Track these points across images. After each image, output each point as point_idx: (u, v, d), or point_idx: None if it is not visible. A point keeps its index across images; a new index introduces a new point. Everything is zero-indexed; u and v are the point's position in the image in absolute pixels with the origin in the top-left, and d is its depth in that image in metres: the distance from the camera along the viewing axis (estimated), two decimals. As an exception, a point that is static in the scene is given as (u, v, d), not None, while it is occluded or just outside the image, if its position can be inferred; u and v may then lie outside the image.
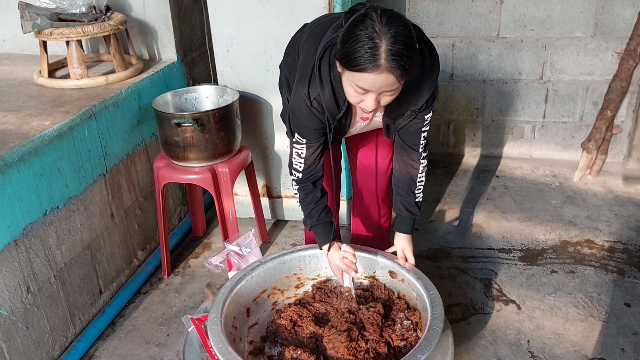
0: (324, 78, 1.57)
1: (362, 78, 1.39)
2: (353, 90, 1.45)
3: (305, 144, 1.71)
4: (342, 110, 1.65)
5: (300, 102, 1.63)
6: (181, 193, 2.88)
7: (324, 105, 1.60)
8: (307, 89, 1.59)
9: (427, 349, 1.49)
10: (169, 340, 2.13)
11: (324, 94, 1.59)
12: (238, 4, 2.41)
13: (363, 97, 1.46)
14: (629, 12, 2.94)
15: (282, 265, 1.94)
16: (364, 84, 1.40)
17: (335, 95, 1.59)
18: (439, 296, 1.69)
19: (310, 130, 1.68)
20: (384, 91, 1.43)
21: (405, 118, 1.73)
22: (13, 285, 1.77)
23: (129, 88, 2.36)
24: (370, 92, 1.43)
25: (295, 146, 1.74)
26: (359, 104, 1.50)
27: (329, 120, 1.64)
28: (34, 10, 2.32)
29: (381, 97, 1.46)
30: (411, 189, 1.85)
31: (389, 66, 1.35)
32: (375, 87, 1.40)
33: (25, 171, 1.80)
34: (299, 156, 1.74)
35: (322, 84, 1.57)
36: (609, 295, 2.23)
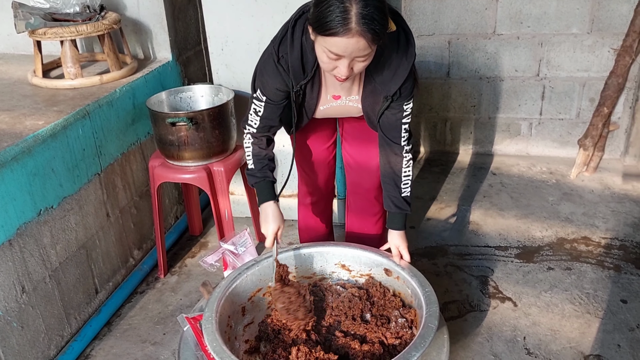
0: (295, 39, 1.59)
1: (334, 42, 1.39)
2: (326, 56, 1.45)
3: (264, 102, 1.72)
4: (308, 76, 1.65)
5: (268, 57, 1.66)
6: (177, 192, 2.87)
7: (289, 65, 1.62)
8: (278, 46, 1.62)
9: (421, 346, 1.49)
10: (165, 339, 2.12)
11: (292, 54, 1.60)
12: (232, 2, 2.40)
13: (336, 64, 1.45)
14: (625, 8, 2.94)
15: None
16: (336, 48, 1.40)
17: (302, 59, 1.61)
18: (434, 293, 1.68)
19: (272, 90, 1.69)
20: (356, 56, 1.42)
21: (380, 105, 1.72)
22: (7, 285, 1.76)
23: (124, 87, 2.35)
24: (343, 57, 1.42)
25: (254, 102, 1.75)
26: (332, 71, 1.50)
27: (292, 84, 1.66)
28: (27, 10, 2.32)
29: (354, 63, 1.45)
30: (397, 183, 1.84)
31: (359, 30, 1.35)
32: (347, 52, 1.40)
33: (19, 171, 1.80)
34: (256, 113, 1.75)
35: (292, 44, 1.59)
36: (605, 292, 2.23)
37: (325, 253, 1.94)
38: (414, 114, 3.47)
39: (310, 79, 1.67)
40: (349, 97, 1.77)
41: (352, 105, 1.80)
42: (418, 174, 3.30)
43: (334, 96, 1.76)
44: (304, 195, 2.19)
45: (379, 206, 2.13)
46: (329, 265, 1.96)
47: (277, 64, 1.63)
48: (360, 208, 2.15)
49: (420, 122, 3.50)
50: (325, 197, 2.21)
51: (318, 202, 2.18)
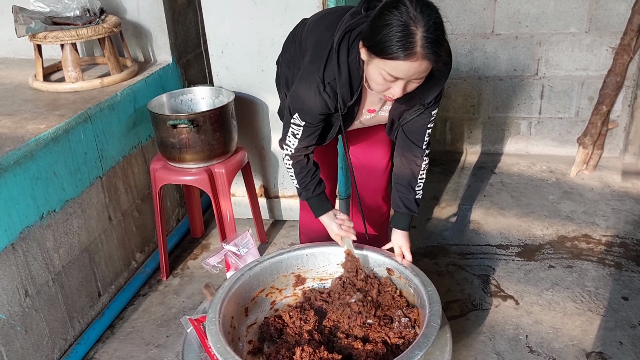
0: (341, 63, 1.55)
1: (396, 66, 1.37)
2: (382, 79, 1.43)
3: (303, 126, 1.69)
4: (355, 97, 1.63)
5: (310, 85, 1.59)
6: (179, 195, 2.88)
7: (338, 90, 1.58)
8: (322, 73, 1.56)
9: (424, 345, 1.49)
10: (168, 341, 2.13)
11: (340, 79, 1.57)
12: (232, 4, 2.41)
13: (391, 85, 1.45)
14: (622, 7, 2.95)
15: (280, 264, 1.94)
16: (397, 71, 1.39)
17: (351, 81, 1.58)
18: (436, 292, 1.69)
19: (314, 115, 1.65)
20: (413, 79, 1.43)
21: (412, 112, 1.72)
22: (11, 289, 1.77)
23: (124, 90, 2.36)
24: (401, 79, 1.42)
25: (292, 126, 1.71)
26: (384, 92, 1.49)
27: (340, 107, 1.63)
28: (28, 14, 2.32)
29: (408, 84, 1.45)
30: (412, 185, 1.85)
31: (424, 53, 1.34)
32: (408, 75, 1.40)
33: (21, 175, 1.80)
34: (294, 136, 1.73)
35: (339, 69, 1.55)
36: (607, 289, 2.24)
37: (327, 253, 1.95)
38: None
39: (357, 99, 1.66)
40: (382, 109, 1.77)
41: (382, 116, 1.80)
42: (418, 174, 3.31)
43: (369, 110, 1.76)
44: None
45: (386, 207, 2.14)
46: (331, 265, 1.96)
47: (323, 92, 1.58)
48: (368, 210, 2.15)
49: (420, 122, 3.51)
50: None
51: None
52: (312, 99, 1.61)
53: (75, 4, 2.39)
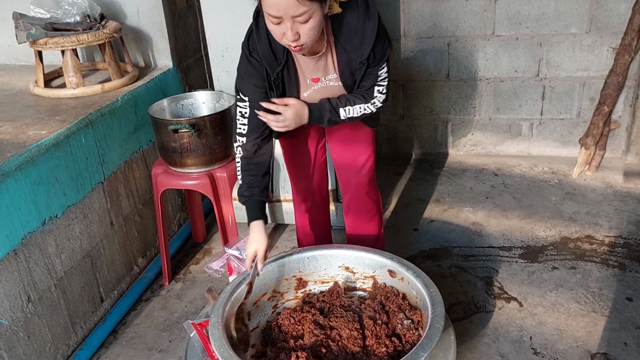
0: (260, 29, 1.61)
1: (268, 3, 1.43)
2: (271, 24, 1.49)
3: (248, 101, 1.72)
4: (281, 62, 1.66)
5: (241, 56, 1.67)
6: (180, 199, 2.88)
7: (261, 55, 1.63)
8: (247, 41, 1.65)
9: (428, 346, 1.49)
10: (171, 346, 2.12)
11: (260, 44, 1.62)
12: (232, 8, 2.41)
13: (281, 29, 1.48)
14: (622, 7, 2.95)
15: (282, 267, 1.93)
16: (270, 8, 1.44)
17: (271, 46, 1.62)
18: (439, 294, 1.68)
19: (251, 87, 1.69)
20: (294, 16, 1.44)
21: (358, 72, 1.72)
22: (13, 295, 1.77)
23: (125, 95, 2.36)
24: (283, 20, 1.45)
25: (239, 106, 1.75)
26: (282, 41, 1.52)
27: (269, 73, 1.66)
28: (28, 21, 2.33)
29: (297, 26, 1.47)
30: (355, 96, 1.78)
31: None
32: (282, 10, 1.43)
33: (23, 180, 1.80)
34: (243, 116, 1.74)
35: (258, 34, 1.62)
36: (611, 290, 2.23)
37: (328, 256, 1.94)
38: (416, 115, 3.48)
39: (284, 65, 1.68)
40: (327, 77, 1.76)
41: (333, 85, 1.78)
42: (420, 176, 3.30)
43: (313, 79, 1.76)
44: (299, 202, 2.20)
45: (371, 203, 2.12)
46: (332, 268, 1.96)
47: (250, 57, 1.65)
48: (355, 207, 2.14)
49: (421, 124, 3.51)
50: (320, 202, 2.20)
51: (313, 207, 2.18)
52: (244, 69, 1.67)
53: (75, 10, 2.40)
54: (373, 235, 2.19)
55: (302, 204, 2.19)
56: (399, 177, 3.30)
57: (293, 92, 1.76)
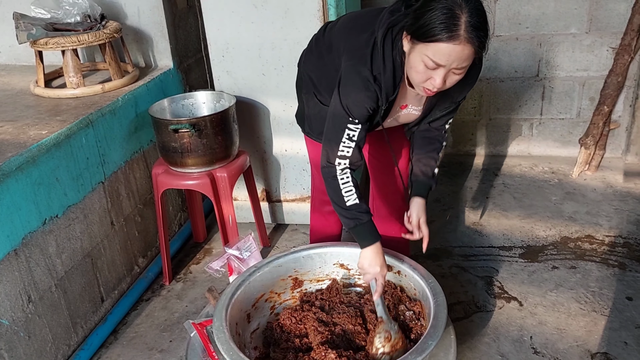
0: (386, 57, 1.56)
1: (439, 49, 1.38)
2: (423, 66, 1.43)
3: (360, 124, 1.63)
4: (396, 92, 1.63)
5: (359, 80, 1.58)
6: (181, 199, 2.88)
7: (383, 84, 1.59)
8: (370, 67, 1.57)
9: (435, 335, 1.50)
10: (171, 346, 2.12)
11: (384, 73, 1.57)
12: (232, 9, 2.42)
13: (431, 74, 1.44)
14: (622, 7, 2.95)
15: (279, 268, 1.93)
16: (439, 56, 1.39)
17: (394, 75, 1.59)
18: (438, 284, 1.69)
19: (365, 111, 1.62)
20: (454, 68, 1.42)
21: (443, 109, 1.74)
22: (14, 295, 1.77)
23: (126, 95, 2.37)
24: (442, 67, 1.42)
25: (349, 128, 1.63)
26: (424, 83, 1.48)
27: (383, 101, 1.62)
28: (28, 21, 2.33)
29: (449, 75, 1.45)
30: (434, 157, 1.82)
31: (467, 37, 1.35)
32: (450, 61, 1.39)
33: (24, 180, 1.80)
34: (351, 140, 1.64)
35: (384, 62, 1.56)
36: (611, 290, 2.23)
37: (323, 254, 1.94)
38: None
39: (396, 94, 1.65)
40: (414, 107, 1.76)
41: (413, 114, 1.79)
42: (420, 176, 3.30)
43: (402, 106, 1.75)
44: (320, 203, 2.15)
45: (405, 208, 2.12)
46: (327, 265, 1.96)
47: (372, 84, 1.58)
48: (389, 211, 2.13)
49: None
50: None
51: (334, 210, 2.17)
52: (362, 94, 1.60)
53: (76, 10, 2.40)
54: (403, 240, 2.18)
55: (325, 205, 2.13)
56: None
57: (385, 117, 1.74)
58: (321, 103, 1.86)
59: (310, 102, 1.90)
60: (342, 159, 1.65)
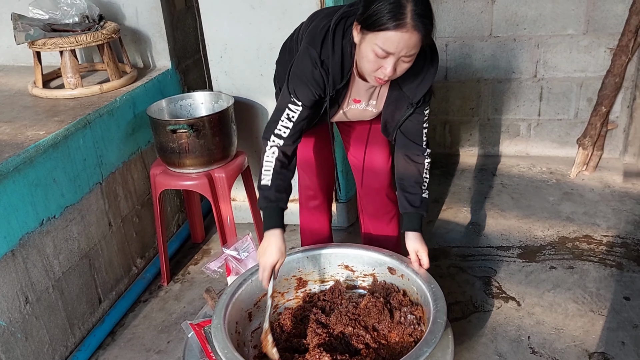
0: (336, 44, 1.61)
1: (387, 37, 1.43)
2: (373, 55, 1.48)
3: (301, 106, 1.68)
4: (344, 81, 1.67)
5: (308, 62, 1.63)
6: (179, 200, 2.88)
7: (330, 69, 1.62)
8: (319, 50, 1.61)
9: (432, 342, 1.49)
10: (169, 347, 2.12)
11: (333, 59, 1.61)
12: (230, 9, 2.42)
13: (382, 63, 1.49)
14: (619, 8, 2.96)
15: (281, 267, 1.93)
16: (388, 44, 1.44)
17: (342, 63, 1.63)
18: (439, 289, 1.68)
19: (309, 94, 1.67)
20: (403, 55, 1.47)
21: (403, 112, 1.75)
22: (11, 296, 1.76)
23: (124, 96, 2.36)
24: (391, 55, 1.46)
25: (289, 108, 1.68)
26: (375, 72, 1.52)
27: (330, 88, 1.66)
28: (26, 21, 2.33)
29: (398, 63, 1.49)
30: (418, 182, 1.85)
31: (414, 24, 1.41)
32: (399, 48, 1.44)
33: (21, 181, 1.80)
34: (289, 119, 1.68)
35: (333, 49, 1.61)
36: (609, 290, 2.23)
37: (328, 255, 1.94)
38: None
39: (345, 84, 1.69)
40: (369, 103, 1.79)
41: (369, 110, 1.82)
42: (418, 177, 3.30)
43: (355, 100, 1.78)
44: (306, 199, 2.19)
45: (391, 204, 2.13)
46: (332, 266, 1.96)
47: (320, 68, 1.62)
48: (375, 209, 2.15)
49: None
50: (327, 199, 2.21)
51: (321, 205, 2.19)
52: (308, 76, 1.64)
53: (74, 11, 2.40)
54: (394, 237, 2.20)
55: (310, 201, 2.18)
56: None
57: (334, 108, 1.77)
58: None
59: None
60: (277, 137, 1.69)
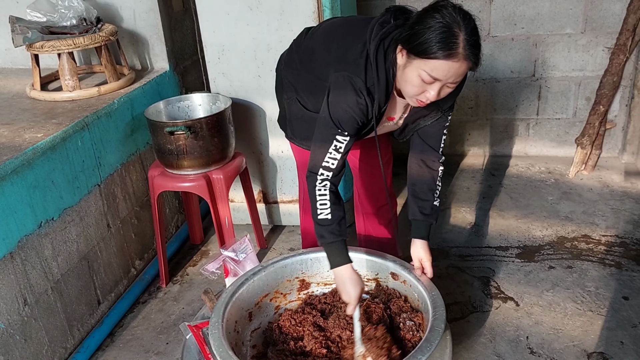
0: (379, 69, 1.57)
1: (437, 66, 1.41)
2: (420, 80, 1.46)
3: (348, 136, 1.62)
4: (387, 103, 1.65)
5: (351, 92, 1.58)
6: (177, 201, 2.88)
7: (376, 96, 1.59)
8: (364, 79, 1.57)
9: (427, 349, 1.49)
10: (168, 348, 2.12)
11: (378, 85, 1.58)
12: (228, 11, 2.42)
13: (427, 87, 1.47)
14: (617, 7, 2.96)
15: (284, 269, 1.93)
16: (437, 72, 1.42)
17: (387, 87, 1.60)
18: (440, 297, 1.68)
19: (354, 124, 1.62)
20: (449, 82, 1.45)
21: (429, 118, 1.74)
22: (10, 298, 1.77)
23: (122, 98, 2.37)
24: (438, 81, 1.45)
25: (337, 140, 1.62)
26: (418, 96, 1.51)
27: (375, 113, 1.63)
28: (24, 24, 2.34)
29: (443, 88, 1.48)
30: (431, 189, 1.83)
31: (465, 54, 1.39)
32: (447, 76, 1.43)
33: (19, 183, 1.80)
34: (337, 152, 1.62)
35: (378, 74, 1.57)
36: (607, 289, 2.23)
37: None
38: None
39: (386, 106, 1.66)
40: (400, 117, 1.77)
41: (399, 124, 1.80)
42: (417, 177, 3.31)
43: (389, 117, 1.76)
44: (307, 202, 2.19)
45: (390, 207, 2.14)
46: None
47: (366, 97, 1.58)
48: (374, 212, 2.15)
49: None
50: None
51: None
52: (354, 106, 1.59)
53: (71, 13, 2.40)
54: (390, 240, 2.20)
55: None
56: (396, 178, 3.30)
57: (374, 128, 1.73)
58: (304, 108, 1.86)
59: (293, 107, 1.90)
60: (326, 170, 1.64)
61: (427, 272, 1.79)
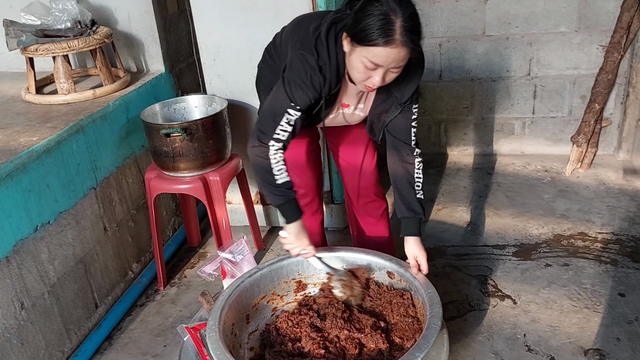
0: (330, 50, 1.63)
1: (376, 52, 1.47)
2: (363, 67, 1.52)
3: (299, 111, 1.68)
4: (338, 86, 1.69)
5: (306, 68, 1.63)
6: (174, 204, 2.88)
7: (327, 75, 1.64)
8: (317, 57, 1.63)
9: (425, 347, 1.49)
10: (166, 350, 2.12)
11: (330, 65, 1.63)
12: (222, 12, 2.42)
13: (371, 74, 1.53)
14: (611, 5, 2.97)
15: (280, 270, 1.94)
16: (377, 58, 1.48)
17: (338, 69, 1.65)
18: (437, 294, 1.69)
19: (306, 99, 1.67)
20: (391, 67, 1.51)
21: (390, 112, 1.77)
22: (6, 302, 1.76)
23: (117, 101, 2.37)
24: (380, 67, 1.50)
25: (288, 113, 1.67)
26: (364, 81, 1.57)
27: (325, 93, 1.67)
28: (18, 27, 2.33)
29: (387, 73, 1.53)
30: (410, 182, 1.86)
31: (402, 40, 1.45)
32: (387, 62, 1.49)
33: (14, 187, 1.80)
34: (289, 124, 1.69)
35: (329, 54, 1.63)
36: (603, 286, 2.24)
37: (327, 258, 1.94)
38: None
39: (337, 89, 1.70)
40: (358, 106, 1.81)
41: (357, 114, 1.84)
42: (414, 176, 3.31)
43: (343, 104, 1.80)
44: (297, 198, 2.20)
45: (380, 201, 2.15)
46: (331, 269, 1.96)
47: (318, 73, 1.63)
48: (365, 209, 2.16)
49: (414, 125, 3.52)
50: (318, 198, 2.22)
51: (311, 203, 2.19)
52: (307, 80, 1.65)
53: (66, 16, 2.40)
54: (385, 237, 2.21)
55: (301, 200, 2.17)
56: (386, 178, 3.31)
57: (326, 112, 1.79)
58: None
59: None
60: (277, 142, 1.70)
61: (423, 268, 1.82)
